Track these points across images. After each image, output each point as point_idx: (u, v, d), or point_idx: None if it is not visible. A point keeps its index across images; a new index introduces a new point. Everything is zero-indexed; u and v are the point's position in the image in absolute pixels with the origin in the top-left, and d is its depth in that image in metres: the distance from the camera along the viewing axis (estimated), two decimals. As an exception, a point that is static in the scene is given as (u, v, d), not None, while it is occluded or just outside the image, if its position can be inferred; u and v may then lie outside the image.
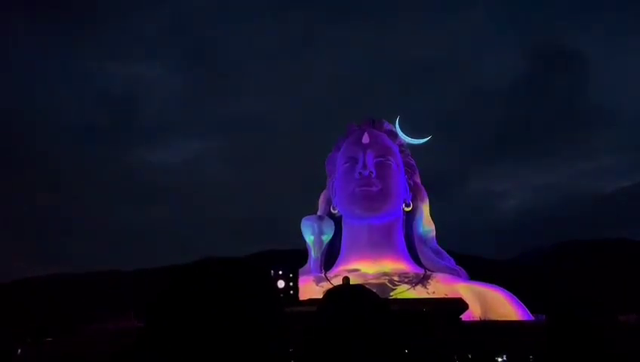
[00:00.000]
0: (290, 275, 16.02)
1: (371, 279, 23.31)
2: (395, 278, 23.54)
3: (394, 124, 26.91)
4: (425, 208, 25.84)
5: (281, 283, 15.82)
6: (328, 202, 26.31)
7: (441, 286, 22.63)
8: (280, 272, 15.88)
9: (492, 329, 20.29)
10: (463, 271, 24.73)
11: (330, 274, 24.50)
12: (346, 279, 20.99)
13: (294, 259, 27.48)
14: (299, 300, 16.70)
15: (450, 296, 21.64)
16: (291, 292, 15.87)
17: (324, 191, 26.85)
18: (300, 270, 25.72)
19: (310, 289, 23.28)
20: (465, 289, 22.19)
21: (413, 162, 26.38)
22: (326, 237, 25.43)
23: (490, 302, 21.74)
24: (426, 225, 25.65)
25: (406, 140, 26.63)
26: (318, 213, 26.45)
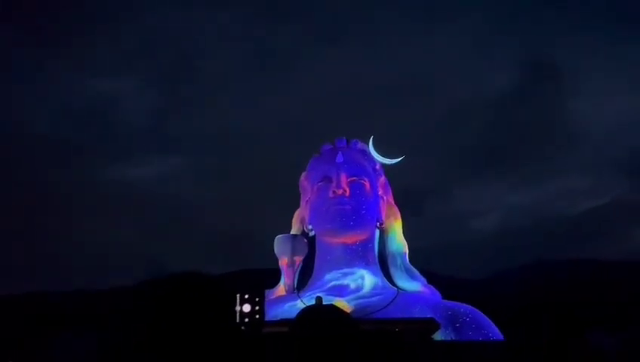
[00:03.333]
0: (256, 299, 15.88)
1: (345, 298, 23.29)
2: (369, 297, 23.55)
3: (368, 143, 27.19)
4: (397, 227, 26.03)
5: (246, 307, 15.63)
6: (302, 221, 26.31)
7: (414, 306, 22.70)
8: (246, 296, 15.72)
9: (464, 349, 20.40)
10: (435, 290, 24.87)
11: (303, 293, 24.38)
12: (319, 299, 20.92)
13: (268, 278, 27.22)
14: (263, 324, 16.52)
15: (422, 315, 21.71)
16: (257, 316, 15.71)
17: (298, 210, 26.87)
18: (273, 289, 25.61)
19: (283, 309, 23.11)
20: (437, 309, 22.30)
21: (386, 181, 26.66)
22: (299, 257, 25.37)
23: (462, 322, 21.88)
24: (399, 243, 25.82)
25: (379, 160, 26.90)
26: (292, 231, 26.40)
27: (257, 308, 15.76)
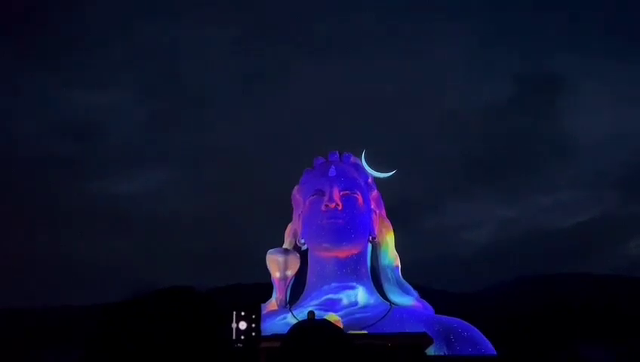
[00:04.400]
0: (253, 316, 15.68)
1: (336, 313, 23.14)
2: (361, 312, 23.42)
3: (360, 157, 27.21)
4: (390, 241, 25.96)
5: (243, 325, 15.43)
6: (294, 235, 26.20)
7: (406, 321, 22.59)
8: (242, 313, 15.53)
9: (457, 364, 20.29)
10: (427, 304, 24.79)
11: (295, 308, 24.23)
12: (311, 314, 20.77)
13: (260, 293, 27.04)
14: (261, 341, 16.37)
15: (415, 330, 21.61)
16: (253, 334, 15.52)
17: (291, 224, 26.76)
18: (265, 304, 25.43)
19: (274, 324, 22.95)
20: (430, 324, 22.21)
21: (379, 195, 26.64)
22: (291, 271, 25.23)
23: (454, 337, 21.79)
24: (391, 257, 25.73)
25: (372, 174, 26.92)
26: (284, 245, 26.26)
27: (254, 325, 15.56)
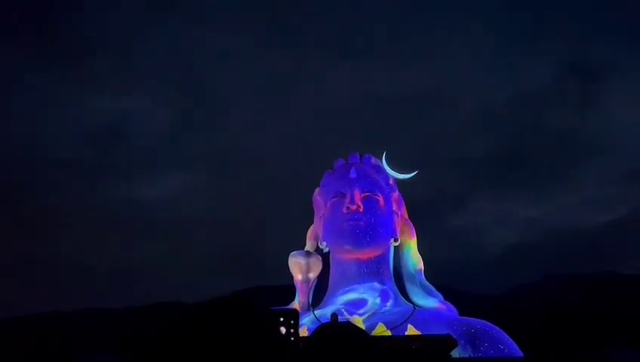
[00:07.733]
0: (292, 322, 16.00)
1: (360, 316, 23.06)
2: (385, 314, 23.30)
3: (381, 159, 27.16)
4: (412, 242, 25.85)
5: (282, 330, 15.75)
6: (316, 237, 26.25)
7: (430, 323, 22.42)
8: (281, 319, 15.85)
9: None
10: (451, 306, 24.58)
11: (318, 310, 24.22)
12: (335, 316, 20.74)
13: (282, 295, 27.13)
14: (299, 343, 16.60)
15: (439, 332, 21.44)
16: (292, 338, 15.84)
17: (312, 226, 26.82)
18: (287, 307, 25.44)
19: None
20: (454, 325, 22.02)
21: (400, 196, 26.52)
22: (313, 274, 25.28)
23: (479, 339, 21.57)
24: (414, 259, 25.62)
25: (393, 175, 26.82)
26: (306, 248, 26.35)
27: (292, 330, 15.93)
